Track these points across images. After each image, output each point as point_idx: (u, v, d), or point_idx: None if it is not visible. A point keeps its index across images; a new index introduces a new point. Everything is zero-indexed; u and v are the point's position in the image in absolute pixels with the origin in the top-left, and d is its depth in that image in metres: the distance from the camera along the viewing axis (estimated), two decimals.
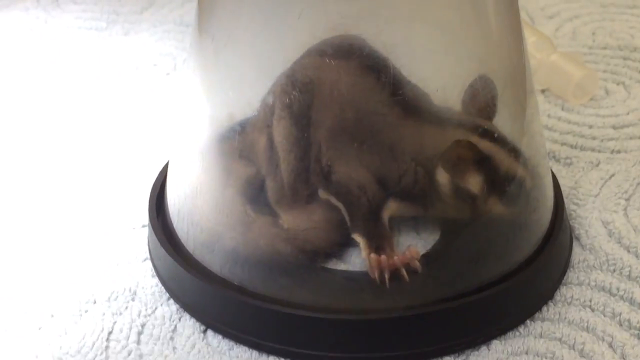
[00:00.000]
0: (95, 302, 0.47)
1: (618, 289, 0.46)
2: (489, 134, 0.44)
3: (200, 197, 0.48)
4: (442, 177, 0.44)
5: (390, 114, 0.44)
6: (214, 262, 0.46)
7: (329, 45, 0.45)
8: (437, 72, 0.42)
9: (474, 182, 0.44)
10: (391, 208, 0.46)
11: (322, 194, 0.47)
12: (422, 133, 0.45)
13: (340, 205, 0.46)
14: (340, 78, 0.45)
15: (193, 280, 0.45)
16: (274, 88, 0.47)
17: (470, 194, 0.44)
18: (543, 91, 0.67)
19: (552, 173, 0.52)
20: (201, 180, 0.48)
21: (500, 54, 0.45)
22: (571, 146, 0.60)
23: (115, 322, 0.46)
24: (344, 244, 0.47)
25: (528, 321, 0.44)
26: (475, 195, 0.44)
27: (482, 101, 0.45)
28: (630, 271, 0.47)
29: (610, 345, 0.42)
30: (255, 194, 0.48)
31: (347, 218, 0.46)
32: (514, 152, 0.45)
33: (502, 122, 0.46)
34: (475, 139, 0.43)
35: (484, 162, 0.44)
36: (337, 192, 0.46)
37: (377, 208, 0.46)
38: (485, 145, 0.44)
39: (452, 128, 0.45)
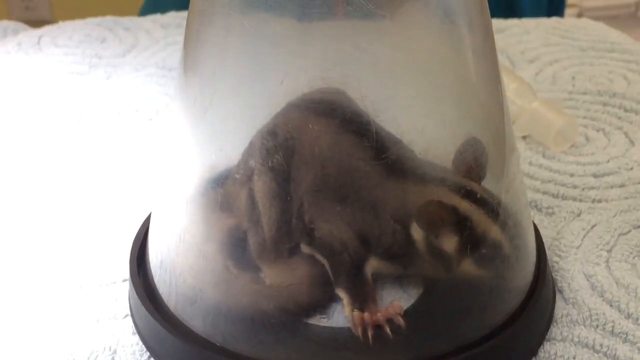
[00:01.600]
0: None
1: (602, 346, 0.46)
2: (471, 194, 0.44)
3: (182, 252, 0.48)
4: (417, 233, 0.44)
5: (373, 172, 0.44)
6: (195, 319, 0.46)
7: (311, 101, 0.45)
8: (421, 134, 0.42)
9: (449, 242, 0.44)
10: (372, 265, 0.46)
11: (305, 248, 0.47)
12: (403, 191, 0.45)
13: (323, 260, 0.46)
14: (321, 136, 0.45)
15: (174, 341, 0.45)
16: (254, 142, 0.47)
17: (444, 253, 0.44)
18: (524, 138, 0.67)
19: (535, 225, 0.52)
20: (183, 234, 0.48)
21: (483, 114, 0.45)
22: (553, 195, 0.60)
23: None
24: (327, 300, 0.47)
25: None
26: (449, 254, 0.44)
27: (471, 163, 0.45)
28: (613, 327, 0.47)
29: None
30: (237, 249, 0.48)
31: (330, 273, 0.46)
32: (495, 214, 0.45)
33: (485, 181, 0.46)
34: (456, 199, 0.43)
35: (460, 223, 0.44)
36: (320, 248, 0.46)
37: (359, 264, 0.46)
38: (464, 206, 0.43)
39: (434, 186, 0.45)
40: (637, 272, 0.52)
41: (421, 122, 0.42)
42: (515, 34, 0.88)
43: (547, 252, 0.53)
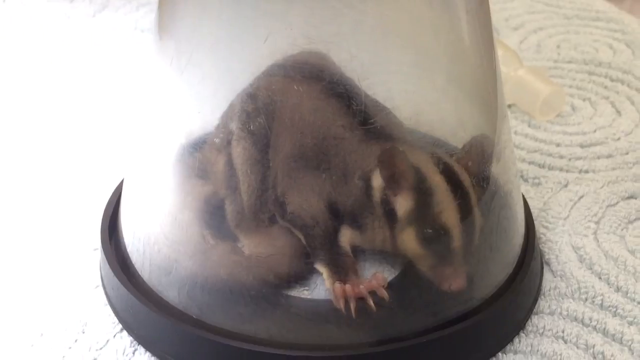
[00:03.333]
0: (42, 335, 0.44)
1: (591, 319, 0.45)
2: (449, 171, 0.41)
3: (156, 221, 0.45)
4: (375, 180, 0.42)
5: (352, 139, 0.42)
6: (170, 291, 0.44)
7: (295, 62, 0.43)
8: (410, 99, 0.40)
9: (401, 203, 0.41)
10: (346, 235, 0.43)
11: (280, 221, 0.45)
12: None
13: (298, 234, 0.44)
14: (304, 100, 0.43)
15: (148, 313, 0.43)
16: (234, 105, 0.45)
17: (392, 212, 0.42)
18: (509, 106, 0.66)
19: (523, 196, 0.50)
20: (157, 202, 0.46)
21: (475, 79, 0.43)
22: (539, 165, 0.58)
23: (64, 357, 0.43)
24: (308, 271, 0.45)
25: (500, 354, 0.43)
26: (396, 217, 0.42)
27: (476, 159, 0.43)
28: (602, 300, 0.46)
29: None
30: (214, 217, 0.45)
31: (307, 248, 0.44)
32: (465, 200, 0.42)
33: None
34: (430, 166, 0.41)
35: (420, 191, 0.41)
36: (292, 222, 0.44)
37: (333, 237, 0.43)
38: (433, 177, 0.41)
39: (417, 150, 0.42)
40: (625, 244, 0.51)
41: (410, 86, 0.40)
42: (499, 1, 0.86)
43: (534, 223, 0.51)
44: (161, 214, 0.45)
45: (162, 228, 0.45)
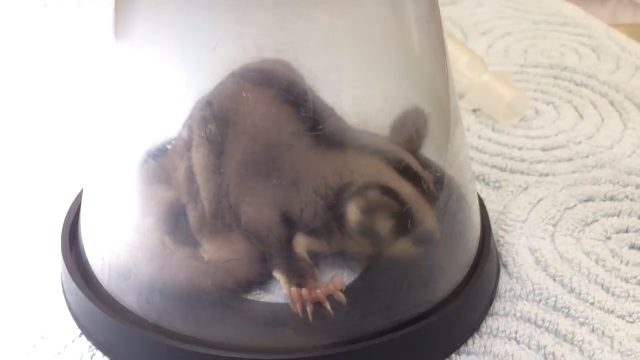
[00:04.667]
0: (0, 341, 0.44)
1: (544, 320, 0.46)
2: (410, 171, 0.42)
3: (116, 226, 0.46)
4: (352, 214, 0.43)
5: (303, 146, 0.43)
6: (129, 296, 0.44)
7: (249, 70, 0.43)
8: (361, 105, 0.41)
9: (384, 226, 0.43)
10: (301, 242, 0.44)
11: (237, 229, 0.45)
12: (337, 162, 0.43)
13: (255, 242, 0.45)
14: (255, 107, 0.43)
15: (105, 318, 0.43)
16: (193, 113, 0.45)
17: (377, 235, 0.43)
18: (474, 111, 0.67)
19: (480, 199, 0.51)
20: (118, 207, 0.46)
21: (427, 85, 0.44)
22: (501, 169, 0.59)
23: None
24: (267, 276, 0.46)
25: (453, 355, 0.44)
26: (382, 237, 0.43)
27: (411, 133, 0.44)
28: (555, 301, 0.47)
29: None
30: (175, 223, 0.46)
31: (264, 254, 0.44)
32: (435, 189, 0.44)
33: (428, 154, 0.45)
34: (396, 179, 0.42)
35: (398, 209, 0.42)
36: (247, 231, 0.44)
37: (288, 244, 0.44)
38: (404, 189, 0.42)
39: (372, 159, 0.43)
40: (581, 246, 0.51)
41: (361, 92, 0.41)
42: (468, 6, 0.87)
43: (493, 226, 0.52)
44: (121, 220, 0.46)
45: (121, 233, 0.45)
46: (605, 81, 0.70)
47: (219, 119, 0.44)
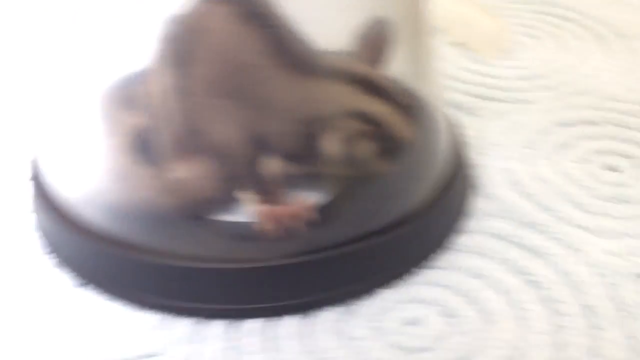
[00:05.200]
0: None
1: (515, 237, 0.45)
2: (382, 90, 0.42)
3: (81, 151, 0.46)
4: (330, 145, 0.42)
5: (270, 67, 0.42)
6: (93, 215, 0.44)
7: None
8: (325, 21, 0.40)
9: (363, 149, 0.42)
10: (271, 164, 0.43)
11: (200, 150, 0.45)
12: (305, 89, 0.42)
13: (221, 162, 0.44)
14: (220, 26, 0.43)
15: (71, 234, 0.43)
16: (160, 34, 0.45)
17: (358, 160, 0.42)
18: (454, 44, 0.65)
19: (454, 120, 0.50)
20: (82, 133, 0.46)
21: None
22: (479, 97, 0.58)
23: None
24: (233, 194, 0.45)
25: (417, 269, 0.43)
26: (364, 160, 0.42)
27: (373, 45, 0.43)
28: (529, 219, 0.46)
29: (499, 291, 0.41)
30: (140, 145, 0.45)
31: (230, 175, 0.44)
32: (406, 108, 0.43)
33: (396, 67, 0.44)
34: (371, 103, 0.41)
35: (376, 131, 0.42)
36: (213, 152, 0.44)
37: (255, 166, 0.43)
38: (378, 109, 0.41)
39: (341, 84, 0.42)
40: (558, 167, 0.51)
41: (325, 8, 0.40)
42: None
43: (469, 150, 0.51)
44: (85, 142, 0.45)
45: (87, 155, 0.45)
46: (590, 15, 0.69)
47: (182, 38, 0.43)
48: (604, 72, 0.62)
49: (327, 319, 0.39)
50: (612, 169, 0.51)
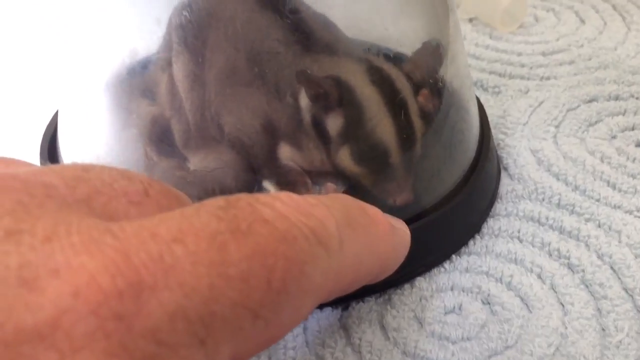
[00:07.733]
0: None
1: (547, 218, 0.44)
2: (384, 80, 0.39)
3: (97, 140, 0.44)
4: (303, 101, 0.39)
5: (287, 54, 0.40)
6: None
7: None
8: (351, 8, 0.38)
9: (332, 123, 0.39)
10: (286, 153, 0.41)
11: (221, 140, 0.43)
12: (314, 69, 0.40)
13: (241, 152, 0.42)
14: (237, 13, 0.41)
15: None
16: (171, 19, 0.43)
17: (325, 134, 0.39)
18: (470, 20, 0.64)
19: (479, 101, 0.49)
20: (99, 124, 0.44)
21: None
22: (499, 75, 0.57)
23: None
24: (254, 185, 0.44)
25: (454, 256, 0.42)
26: (330, 137, 0.39)
27: (423, 68, 0.41)
28: (559, 199, 0.45)
29: (539, 276, 0.40)
30: (159, 136, 0.44)
31: (253, 165, 0.42)
32: (435, 92, 0.41)
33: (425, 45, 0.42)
34: (363, 79, 0.39)
35: (351, 106, 0.39)
36: (230, 142, 0.42)
37: (274, 154, 0.42)
38: (366, 92, 0.38)
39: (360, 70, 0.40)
40: (586, 145, 0.49)
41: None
42: None
43: (493, 130, 0.50)
44: (103, 133, 0.44)
45: (102, 146, 0.44)
46: None
47: (198, 24, 0.42)
48: (625, 44, 0.60)
49: (368, 309, 0.38)
50: None
